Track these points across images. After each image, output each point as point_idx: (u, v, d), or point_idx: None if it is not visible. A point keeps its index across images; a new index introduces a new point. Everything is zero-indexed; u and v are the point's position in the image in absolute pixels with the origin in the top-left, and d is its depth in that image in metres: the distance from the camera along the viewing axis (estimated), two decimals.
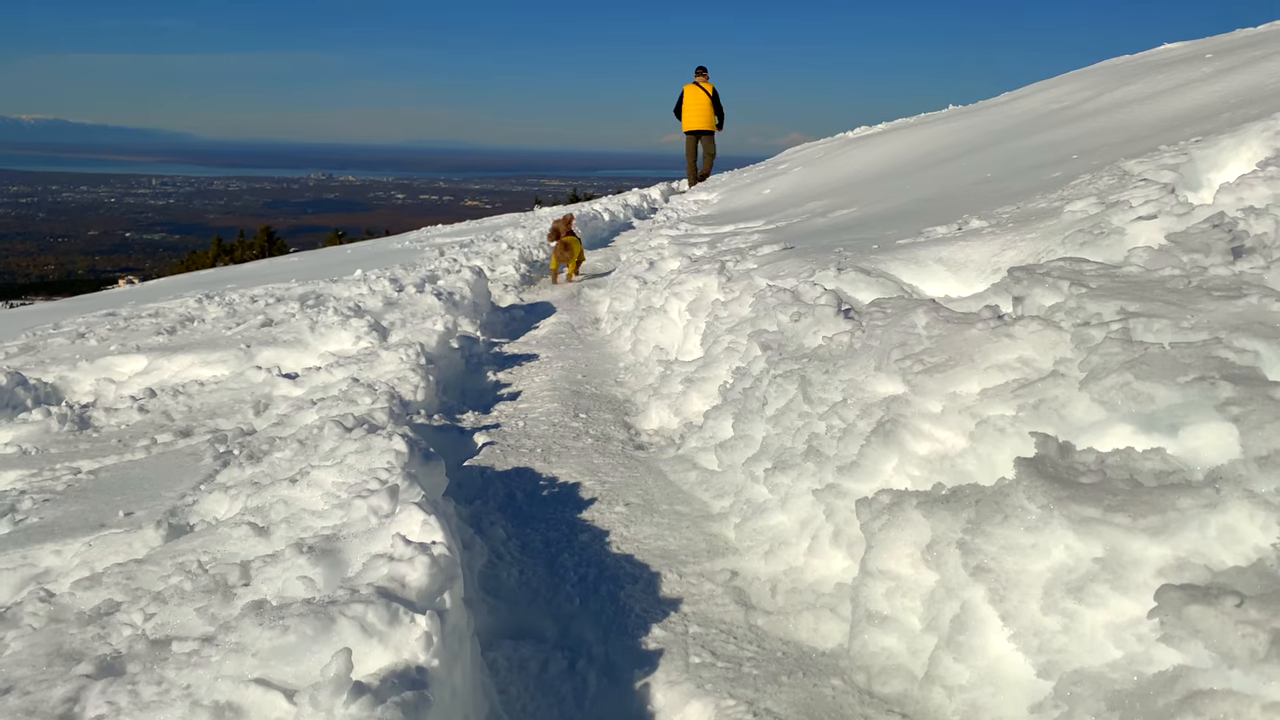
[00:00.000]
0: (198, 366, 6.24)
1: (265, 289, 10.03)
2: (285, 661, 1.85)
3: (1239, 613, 1.57)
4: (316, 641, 1.86)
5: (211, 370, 6.20)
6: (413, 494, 2.56)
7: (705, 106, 16.71)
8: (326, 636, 1.86)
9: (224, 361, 6.26)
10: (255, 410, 5.12)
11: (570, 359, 6.06)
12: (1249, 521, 1.82)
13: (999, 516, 2.10)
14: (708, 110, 16.73)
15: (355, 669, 1.79)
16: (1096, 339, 2.47)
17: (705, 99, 16.72)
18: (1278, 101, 5.52)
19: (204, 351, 6.43)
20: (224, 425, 4.90)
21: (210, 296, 9.51)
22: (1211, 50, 10.13)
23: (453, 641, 2.05)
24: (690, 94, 16.72)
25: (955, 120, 12.27)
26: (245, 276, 13.35)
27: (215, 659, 1.89)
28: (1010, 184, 6.13)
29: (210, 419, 5.10)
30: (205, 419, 5.11)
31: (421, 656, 1.87)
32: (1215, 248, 3.14)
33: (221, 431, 4.70)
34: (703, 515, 3.38)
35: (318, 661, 1.83)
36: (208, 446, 4.36)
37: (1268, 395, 2.00)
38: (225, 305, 8.82)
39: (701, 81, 16.80)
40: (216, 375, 6.10)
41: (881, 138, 13.55)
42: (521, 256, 10.31)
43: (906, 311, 3.06)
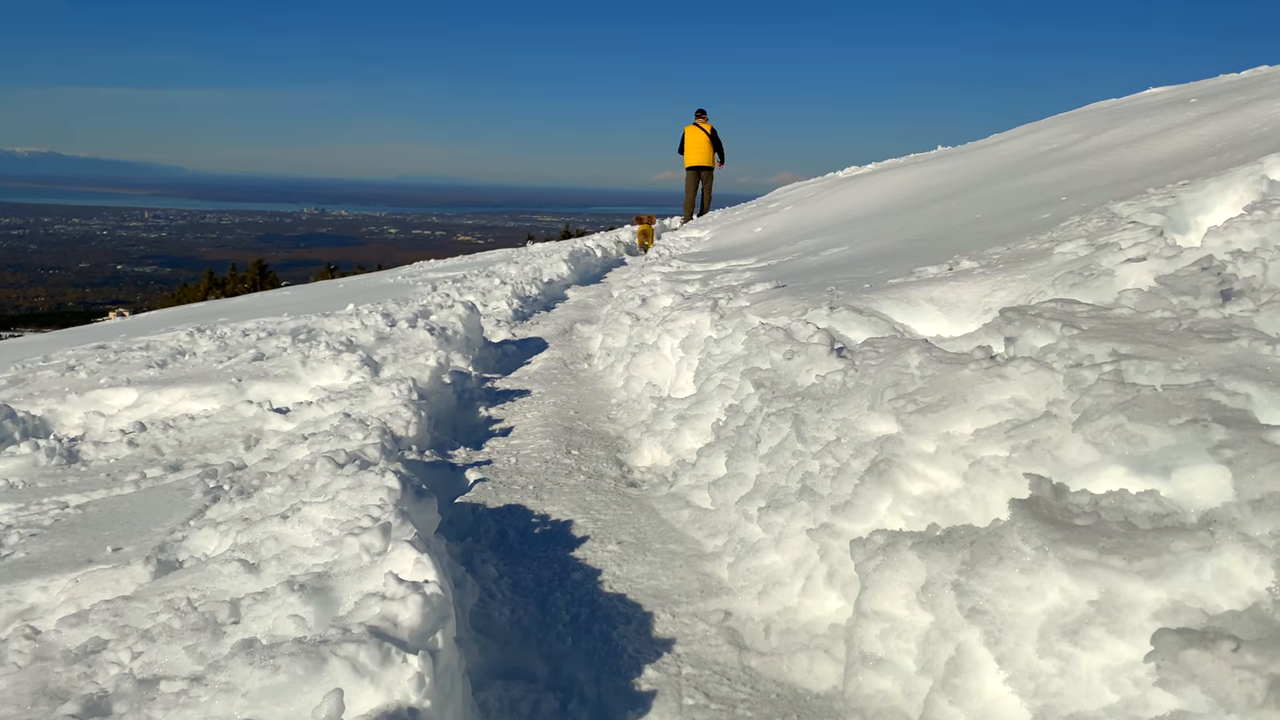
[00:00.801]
0: (188, 400, 6.21)
1: (257, 323, 10.01)
2: (275, 702, 1.82)
3: (1236, 658, 1.57)
4: (307, 682, 1.84)
5: (202, 404, 6.17)
6: (405, 532, 2.54)
7: (705, 144, 17.97)
8: (318, 676, 1.84)
9: (215, 395, 6.23)
10: (246, 445, 5.09)
11: (563, 395, 6.06)
12: (1243, 565, 1.82)
13: (994, 558, 2.10)
14: (707, 148, 17.98)
15: (346, 710, 1.78)
16: (1089, 380, 2.48)
17: (704, 138, 17.96)
18: (1262, 146, 5.59)
19: (195, 385, 6.40)
20: (214, 460, 4.87)
21: (202, 330, 9.48)
22: (1196, 95, 10.28)
23: (444, 682, 2.03)
24: (691, 134, 18.01)
25: (944, 161, 12.39)
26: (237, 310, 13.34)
27: (204, 699, 1.87)
28: (1000, 225, 6.18)
29: (200, 453, 5.07)
30: (195, 453, 5.08)
31: (414, 697, 1.85)
32: (1205, 290, 3.16)
33: (212, 466, 4.68)
34: (696, 554, 3.36)
35: (309, 702, 1.81)
36: (198, 481, 4.33)
37: (1260, 438, 2.01)
38: (217, 339, 8.80)
39: (701, 122, 17.99)
40: (207, 409, 6.07)
41: (872, 178, 13.67)
42: (514, 292, 10.33)
43: (899, 351, 3.08)
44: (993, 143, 13.47)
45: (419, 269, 17.64)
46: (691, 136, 17.91)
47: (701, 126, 17.91)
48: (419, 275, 15.47)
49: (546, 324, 9.18)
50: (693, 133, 17.91)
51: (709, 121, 18.01)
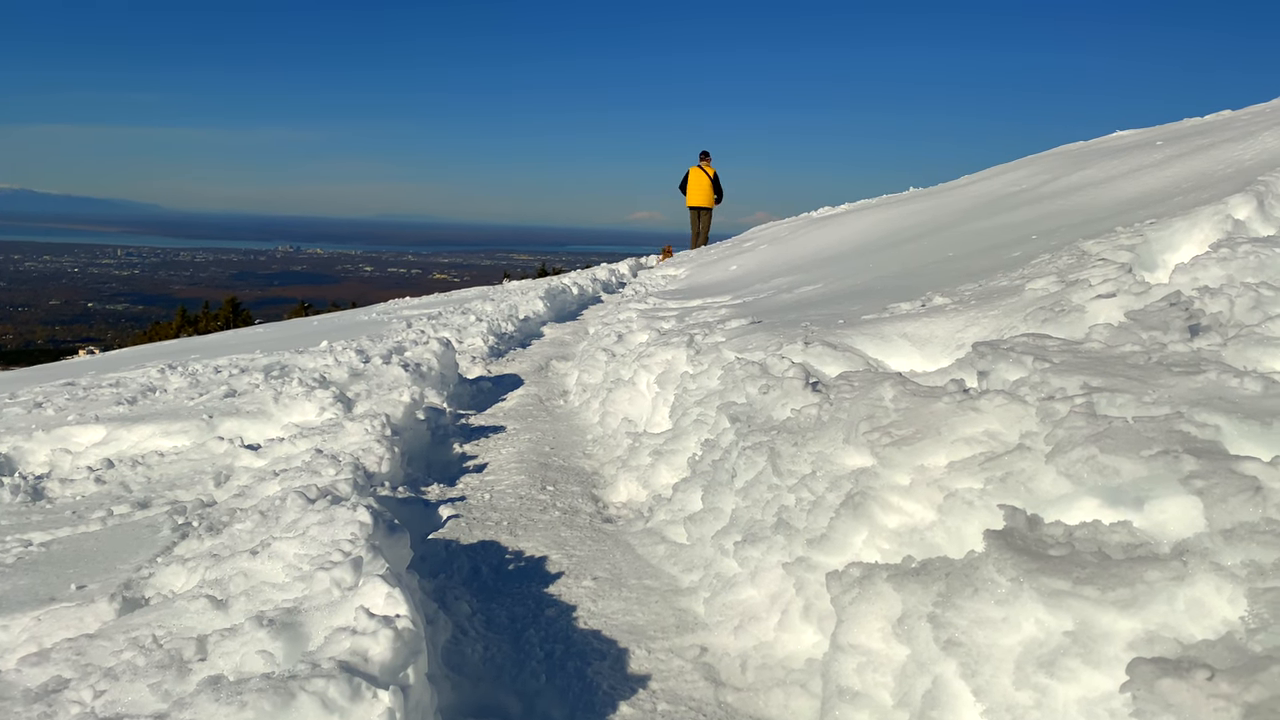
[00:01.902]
0: (158, 437, 6.13)
1: (229, 359, 9.92)
2: None
3: (1210, 686, 1.57)
4: (275, 718, 1.80)
5: (172, 441, 6.09)
6: (376, 566, 2.51)
7: (706, 186, 19.32)
8: (286, 713, 1.80)
9: (185, 432, 6.15)
10: (216, 481, 5.02)
11: (538, 431, 6.03)
12: (1216, 594, 1.83)
13: (969, 589, 2.10)
14: (708, 189, 19.34)
15: None
16: (1061, 413, 2.50)
17: (707, 180, 19.32)
18: (1226, 186, 5.70)
19: (165, 422, 6.32)
20: (183, 497, 4.80)
21: (173, 367, 9.38)
22: (1161, 138, 10.49)
23: (416, 718, 2.00)
24: (695, 175, 19.35)
25: (917, 201, 12.55)
26: (209, 347, 13.22)
27: None
28: (972, 263, 6.25)
29: (169, 490, 4.99)
30: (164, 490, 5.00)
31: None
32: (1173, 325, 3.21)
33: (181, 503, 4.61)
34: (671, 590, 3.34)
35: None
36: (166, 518, 4.26)
37: (1230, 469, 2.03)
38: (188, 375, 8.71)
39: (705, 165, 19.32)
40: (177, 446, 5.99)
41: (845, 217, 13.81)
42: (490, 329, 10.31)
43: (873, 384, 3.09)
44: (964, 184, 13.66)
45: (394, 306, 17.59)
46: (695, 178, 19.24)
47: (705, 170, 19.21)
48: (394, 312, 15.43)
49: (522, 360, 9.15)
50: (696, 174, 19.22)
51: (712, 166, 19.26)
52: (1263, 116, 9.43)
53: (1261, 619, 1.71)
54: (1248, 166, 6.39)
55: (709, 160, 19.40)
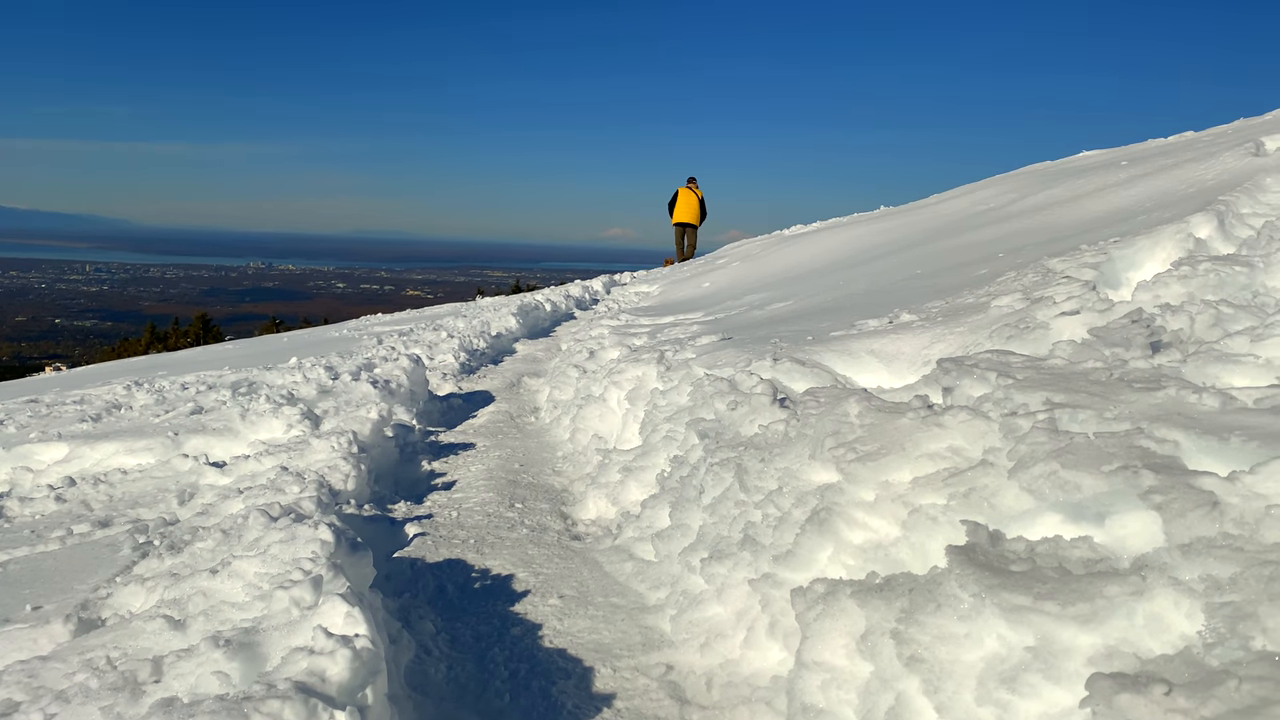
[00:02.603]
0: (122, 455, 6.04)
1: (197, 376, 9.81)
2: None
3: (1168, 701, 1.57)
4: None
5: (136, 459, 6.00)
6: (337, 585, 2.48)
7: (694, 205, 20.77)
8: None
9: (150, 450, 6.07)
10: (180, 500, 4.95)
11: (508, 448, 6.00)
12: (1174, 609, 1.84)
13: (932, 605, 2.10)
14: (696, 208, 20.80)
15: None
16: (1024, 429, 2.52)
17: (695, 200, 20.76)
18: (1188, 206, 5.78)
19: (129, 439, 6.24)
20: (146, 515, 4.73)
21: (139, 383, 9.27)
22: (1127, 158, 10.64)
23: None
24: (683, 195, 20.81)
25: (887, 220, 12.65)
26: (177, 363, 13.07)
27: None
28: (939, 280, 6.30)
29: (132, 509, 4.92)
30: (126, 509, 4.92)
31: None
32: (1135, 342, 3.24)
33: (143, 522, 4.54)
34: (638, 607, 3.32)
35: None
36: (127, 537, 4.20)
37: (1188, 484, 2.04)
38: (154, 392, 8.60)
39: (693, 187, 20.85)
40: (141, 464, 5.91)
41: (816, 235, 13.89)
42: (461, 345, 10.27)
43: (839, 400, 3.10)
44: (933, 202, 13.79)
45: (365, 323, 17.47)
46: (684, 197, 20.71)
47: (694, 190, 20.75)
48: (365, 329, 15.32)
49: (494, 377, 9.11)
50: (685, 194, 20.72)
51: (700, 188, 20.87)
52: (1224, 137, 9.59)
53: (1218, 633, 1.72)
54: (1209, 186, 6.48)
55: (696, 183, 20.98)
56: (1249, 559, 1.79)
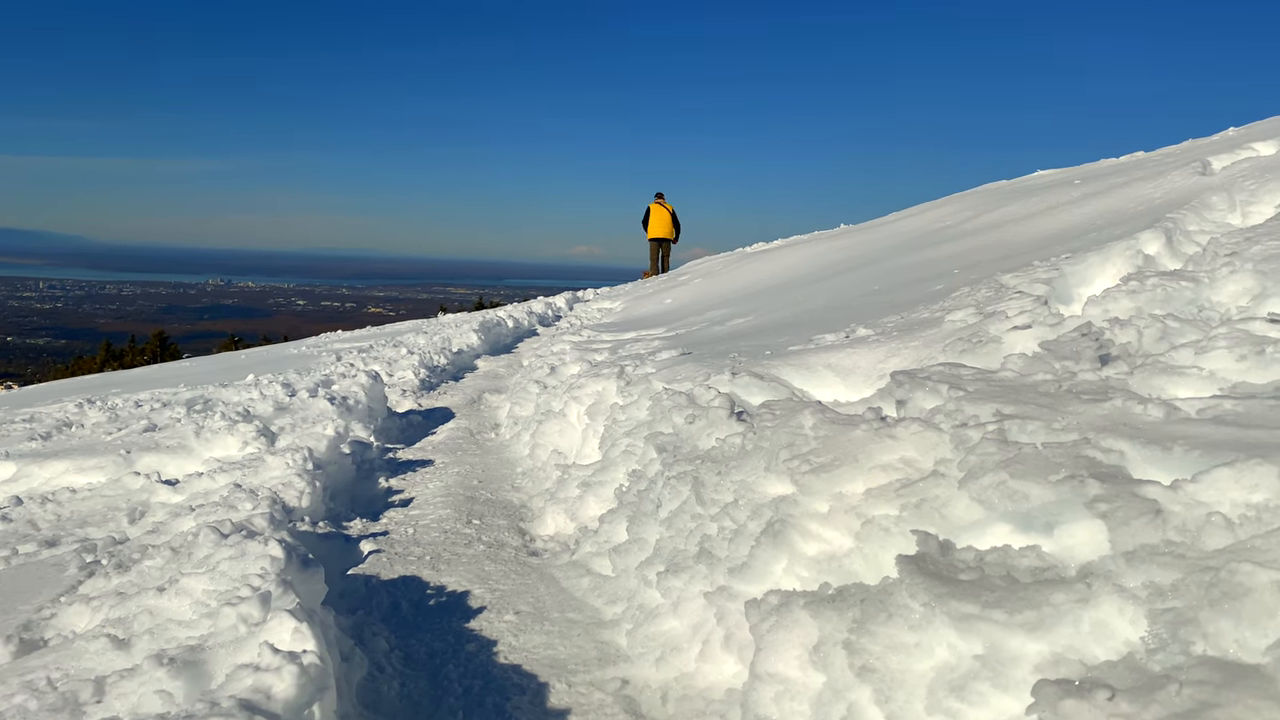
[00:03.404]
0: (71, 474, 5.92)
1: (151, 394, 9.64)
2: None
3: (1111, 706, 1.59)
4: None
5: (86, 477, 5.89)
6: (286, 601, 2.44)
7: (667, 220, 21.29)
8: None
9: (101, 468, 5.95)
10: (130, 518, 4.86)
11: (467, 464, 5.96)
12: (1119, 616, 1.86)
13: (883, 615, 2.11)
14: (669, 223, 21.31)
15: None
16: (974, 440, 2.54)
17: (668, 215, 21.26)
18: (1138, 223, 5.89)
19: (80, 458, 6.12)
20: (94, 534, 4.63)
21: (91, 401, 9.09)
22: (1080, 177, 10.83)
23: None
24: (656, 210, 21.27)
25: (846, 237, 12.77)
26: (132, 381, 12.84)
27: None
28: (896, 296, 6.36)
29: (80, 528, 4.82)
30: (75, 528, 4.82)
31: None
32: (1084, 355, 3.29)
33: (91, 541, 4.44)
34: (595, 622, 3.30)
35: None
36: (74, 556, 4.11)
37: (1133, 493, 2.07)
38: (107, 410, 8.44)
39: (662, 202, 21.29)
40: (91, 482, 5.79)
41: (777, 252, 13.99)
42: (422, 362, 10.19)
43: (794, 413, 3.11)
44: (891, 220, 13.95)
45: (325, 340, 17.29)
46: (656, 213, 21.16)
47: (664, 205, 21.21)
48: (324, 346, 15.16)
49: (454, 394, 9.06)
50: (657, 210, 21.16)
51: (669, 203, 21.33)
52: (1172, 157, 9.80)
53: (1160, 639, 1.74)
54: (1158, 204, 6.62)
55: (664, 199, 21.38)
56: (1190, 565, 1.82)
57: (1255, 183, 6.04)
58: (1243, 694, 1.49)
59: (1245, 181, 6.18)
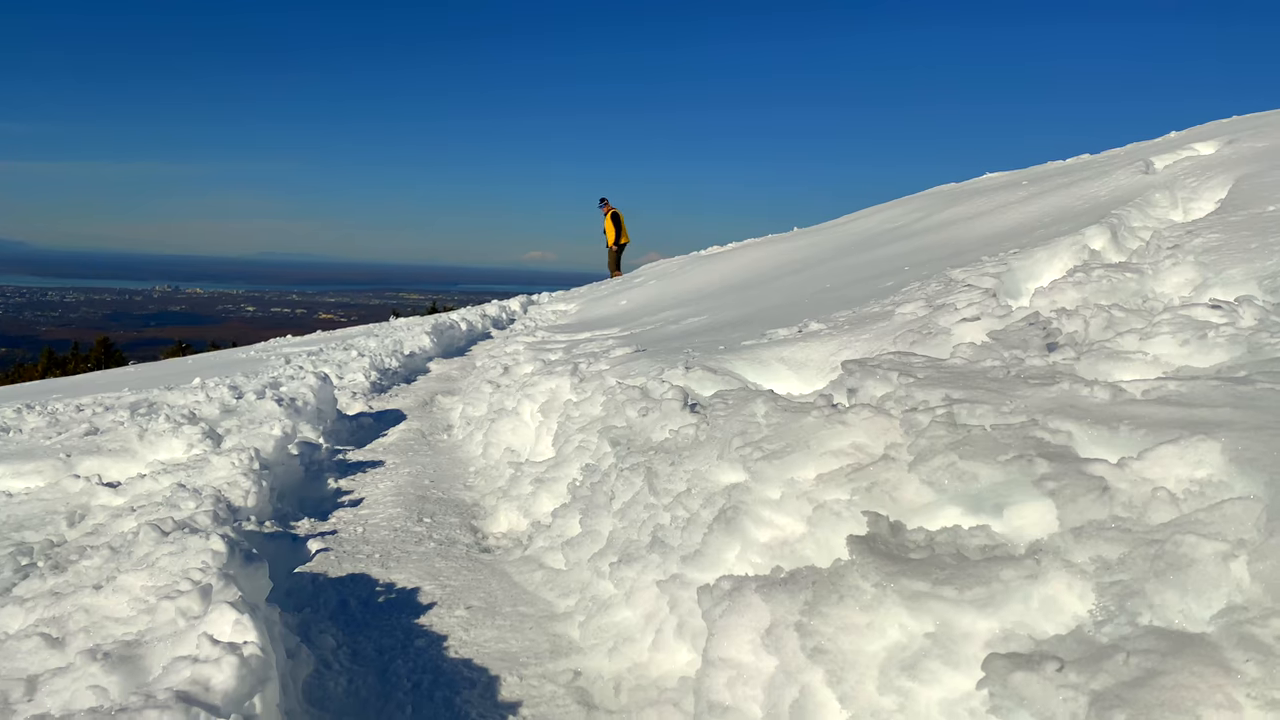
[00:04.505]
0: (8, 478, 5.75)
1: (94, 398, 9.42)
2: None
3: (1060, 677, 1.59)
4: None
5: (24, 482, 5.71)
6: (228, 594, 2.37)
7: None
8: None
9: (39, 472, 5.78)
10: (69, 521, 4.72)
11: (418, 464, 5.88)
12: (1068, 591, 1.86)
13: (835, 597, 2.10)
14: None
15: None
16: (924, 423, 2.55)
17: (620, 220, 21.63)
18: (1085, 220, 5.99)
19: (16, 462, 5.94)
20: (31, 538, 4.49)
21: (30, 406, 8.86)
22: (1027, 178, 11.01)
23: None
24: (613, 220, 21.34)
25: (799, 239, 12.85)
26: (74, 387, 12.54)
27: None
28: (848, 292, 6.40)
29: (16, 531, 4.67)
30: (10, 532, 4.67)
31: None
32: (1032, 343, 3.32)
33: (27, 544, 4.31)
34: (547, 615, 3.26)
35: None
36: (8, 559, 3.98)
37: (1080, 470, 2.09)
38: (47, 415, 8.23)
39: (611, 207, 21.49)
40: (29, 486, 5.62)
41: (732, 254, 14.05)
42: (373, 364, 10.06)
43: (746, 402, 3.10)
44: (843, 222, 14.07)
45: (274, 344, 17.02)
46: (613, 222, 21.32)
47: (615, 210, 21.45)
48: (273, 350, 14.93)
49: (406, 396, 8.94)
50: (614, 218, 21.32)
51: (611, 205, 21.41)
52: (1117, 159, 9.99)
53: (1108, 611, 1.75)
54: (1103, 202, 6.73)
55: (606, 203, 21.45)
56: (1137, 539, 1.83)
57: (1196, 180, 6.17)
58: (1188, 661, 1.50)
59: (1187, 179, 6.31)
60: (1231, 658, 1.49)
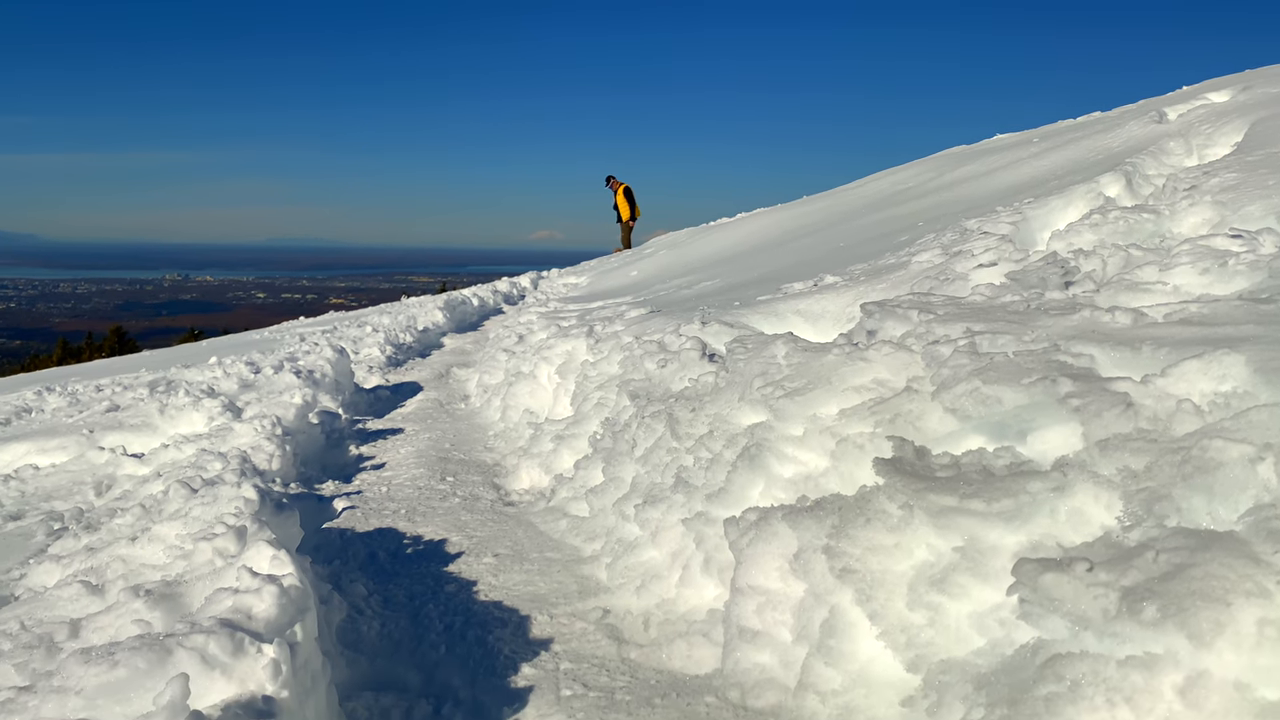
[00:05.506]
0: (33, 454, 5.82)
1: (112, 379, 9.51)
2: (115, 700, 1.69)
3: (1090, 576, 1.61)
4: (151, 676, 1.70)
5: (49, 457, 5.78)
6: (262, 534, 2.41)
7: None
8: (162, 670, 1.71)
9: (63, 448, 5.85)
10: (97, 491, 4.79)
11: (438, 430, 5.92)
12: (1094, 503, 1.88)
13: (862, 519, 2.12)
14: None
15: (196, 702, 1.65)
16: (945, 354, 2.56)
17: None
18: (1099, 170, 5.96)
19: (41, 439, 6.01)
20: (60, 506, 4.56)
21: (50, 388, 8.94)
22: (1039, 136, 10.93)
23: (304, 676, 1.92)
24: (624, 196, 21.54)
25: (810, 203, 12.81)
26: (91, 371, 12.64)
27: (34, 703, 1.71)
28: (862, 249, 6.40)
29: (45, 501, 4.73)
30: (40, 502, 4.74)
31: (269, 686, 1.74)
32: (1051, 281, 3.33)
33: (57, 512, 4.37)
34: (574, 559, 3.30)
35: (153, 699, 1.68)
36: (40, 525, 4.04)
37: (1104, 388, 2.10)
38: (67, 395, 8.30)
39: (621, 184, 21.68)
40: (55, 461, 5.69)
41: (741, 222, 14.01)
42: (387, 339, 10.11)
43: (766, 345, 3.12)
44: (853, 186, 14.00)
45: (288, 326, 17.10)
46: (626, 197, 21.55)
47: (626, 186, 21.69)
48: (288, 330, 15.00)
49: (422, 369, 8.99)
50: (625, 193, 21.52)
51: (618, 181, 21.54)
52: (1129, 113, 9.91)
53: (1136, 516, 1.77)
54: (1117, 152, 6.70)
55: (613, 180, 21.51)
56: (1163, 449, 1.85)
57: (1211, 126, 6.13)
58: (1217, 554, 1.52)
59: (1201, 126, 6.27)
60: (1260, 550, 1.51)
